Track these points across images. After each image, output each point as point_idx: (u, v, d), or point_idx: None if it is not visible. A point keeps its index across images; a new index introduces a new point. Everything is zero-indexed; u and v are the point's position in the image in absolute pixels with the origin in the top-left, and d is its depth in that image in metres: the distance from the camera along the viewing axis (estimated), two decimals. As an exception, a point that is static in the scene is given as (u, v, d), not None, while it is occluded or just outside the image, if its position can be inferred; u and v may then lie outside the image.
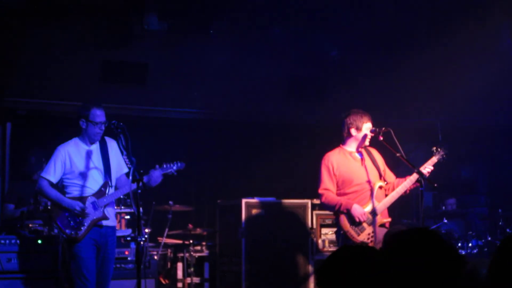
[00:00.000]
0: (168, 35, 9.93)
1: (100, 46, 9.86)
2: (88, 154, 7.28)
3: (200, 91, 10.86)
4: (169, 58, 10.33)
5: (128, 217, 8.94)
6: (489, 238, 10.15)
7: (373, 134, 7.53)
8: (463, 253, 9.85)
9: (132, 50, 10.05)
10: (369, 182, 7.50)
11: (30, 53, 9.64)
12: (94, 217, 7.13)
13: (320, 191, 7.60)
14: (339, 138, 7.78)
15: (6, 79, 9.82)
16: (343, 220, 7.41)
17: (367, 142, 7.62)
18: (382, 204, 7.48)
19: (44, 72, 9.90)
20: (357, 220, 7.31)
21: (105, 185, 7.26)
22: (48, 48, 9.68)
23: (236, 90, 10.97)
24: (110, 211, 7.32)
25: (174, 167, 7.52)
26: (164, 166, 7.48)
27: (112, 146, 7.41)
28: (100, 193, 7.22)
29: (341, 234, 7.51)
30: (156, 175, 7.29)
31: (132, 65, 10.26)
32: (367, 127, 7.57)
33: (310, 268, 9.32)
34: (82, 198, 7.16)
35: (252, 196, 9.43)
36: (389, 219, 7.60)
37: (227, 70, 10.69)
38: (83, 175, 7.21)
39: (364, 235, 7.35)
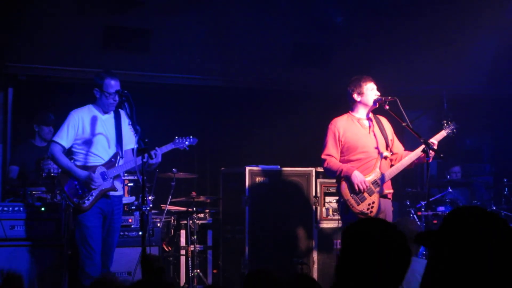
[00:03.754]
0: (172, 0, 9.82)
1: (103, 11, 9.76)
2: (101, 122, 7.24)
3: (204, 58, 10.76)
4: (173, 23, 10.23)
5: (131, 184, 8.89)
6: (494, 208, 10.14)
7: (379, 103, 7.44)
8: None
9: (136, 16, 9.94)
10: (377, 149, 7.43)
11: (32, 19, 9.52)
12: (103, 188, 7.11)
13: (323, 156, 7.53)
14: (344, 105, 7.72)
15: (8, 44, 9.72)
16: (344, 188, 7.33)
17: (371, 102, 7.49)
18: (386, 174, 7.41)
19: (45, 37, 9.80)
20: (356, 188, 7.23)
21: (115, 155, 7.23)
22: (50, 14, 9.57)
23: (240, 56, 10.89)
24: (118, 182, 7.30)
25: (186, 142, 7.47)
26: (177, 140, 7.44)
27: (125, 119, 7.31)
28: (110, 164, 7.18)
29: (341, 202, 7.47)
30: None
31: (135, 31, 10.16)
32: (369, 87, 7.49)
33: (314, 236, 9.29)
34: (91, 167, 7.10)
35: (256, 164, 9.37)
36: (392, 191, 7.54)
37: (231, 36, 10.60)
38: (94, 143, 7.17)
39: (364, 205, 7.26)
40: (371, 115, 7.64)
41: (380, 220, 2.98)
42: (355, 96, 7.51)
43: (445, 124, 7.56)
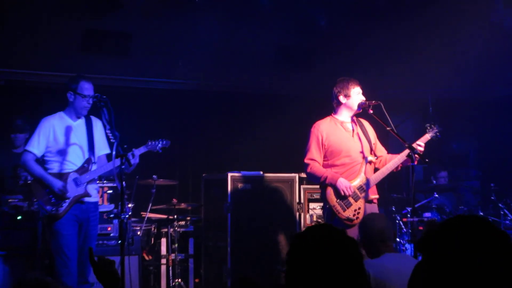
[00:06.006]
0: (152, 4, 9.74)
1: (82, 14, 9.70)
2: (73, 129, 7.19)
3: (185, 61, 10.70)
4: (153, 27, 10.17)
5: (110, 191, 8.77)
6: (481, 213, 10.02)
7: (363, 107, 7.30)
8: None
9: (115, 19, 9.87)
10: (362, 153, 7.28)
11: (10, 23, 9.44)
12: (76, 194, 7.04)
13: (306, 160, 7.35)
14: (327, 108, 7.57)
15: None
16: (330, 194, 7.17)
17: (355, 106, 7.33)
18: (372, 179, 7.26)
19: (24, 42, 9.74)
20: (342, 193, 7.07)
21: (88, 161, 7.17)
22: (28, 17, 9.49)
23: (222, 60, 10.82)
24: (92, 188, 7.20)
25: (159, 145, 7.42)
26: (149, 143, 7.38)
27: (97, 125, 7.32)
28: (82, 169, 7.12)
29: (327, 209, 7.29)
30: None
31: (115, 34, 10.09)
32: (355, 91, 7.33)
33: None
34: (63, 175, 7.03)
35: (238, 170, 9.23)
36: (377, 196, 7.40)
37: (213, 40, 10.52)
38: (66, 150, 7.10)
39: (350, 211, 7.11)
40: (354, 118, 7.49)
41: (328, 226, 2.93)
42: (341, 98, 7.34)
43: (428, 128, 7.46)
